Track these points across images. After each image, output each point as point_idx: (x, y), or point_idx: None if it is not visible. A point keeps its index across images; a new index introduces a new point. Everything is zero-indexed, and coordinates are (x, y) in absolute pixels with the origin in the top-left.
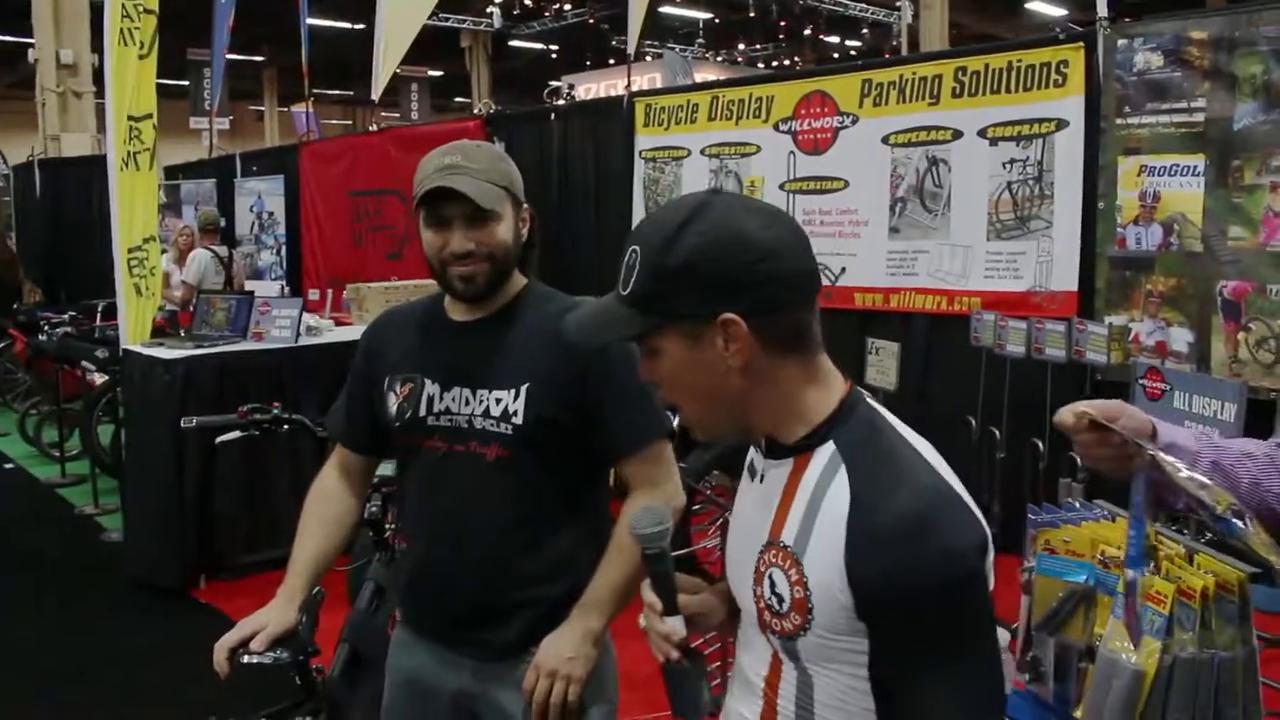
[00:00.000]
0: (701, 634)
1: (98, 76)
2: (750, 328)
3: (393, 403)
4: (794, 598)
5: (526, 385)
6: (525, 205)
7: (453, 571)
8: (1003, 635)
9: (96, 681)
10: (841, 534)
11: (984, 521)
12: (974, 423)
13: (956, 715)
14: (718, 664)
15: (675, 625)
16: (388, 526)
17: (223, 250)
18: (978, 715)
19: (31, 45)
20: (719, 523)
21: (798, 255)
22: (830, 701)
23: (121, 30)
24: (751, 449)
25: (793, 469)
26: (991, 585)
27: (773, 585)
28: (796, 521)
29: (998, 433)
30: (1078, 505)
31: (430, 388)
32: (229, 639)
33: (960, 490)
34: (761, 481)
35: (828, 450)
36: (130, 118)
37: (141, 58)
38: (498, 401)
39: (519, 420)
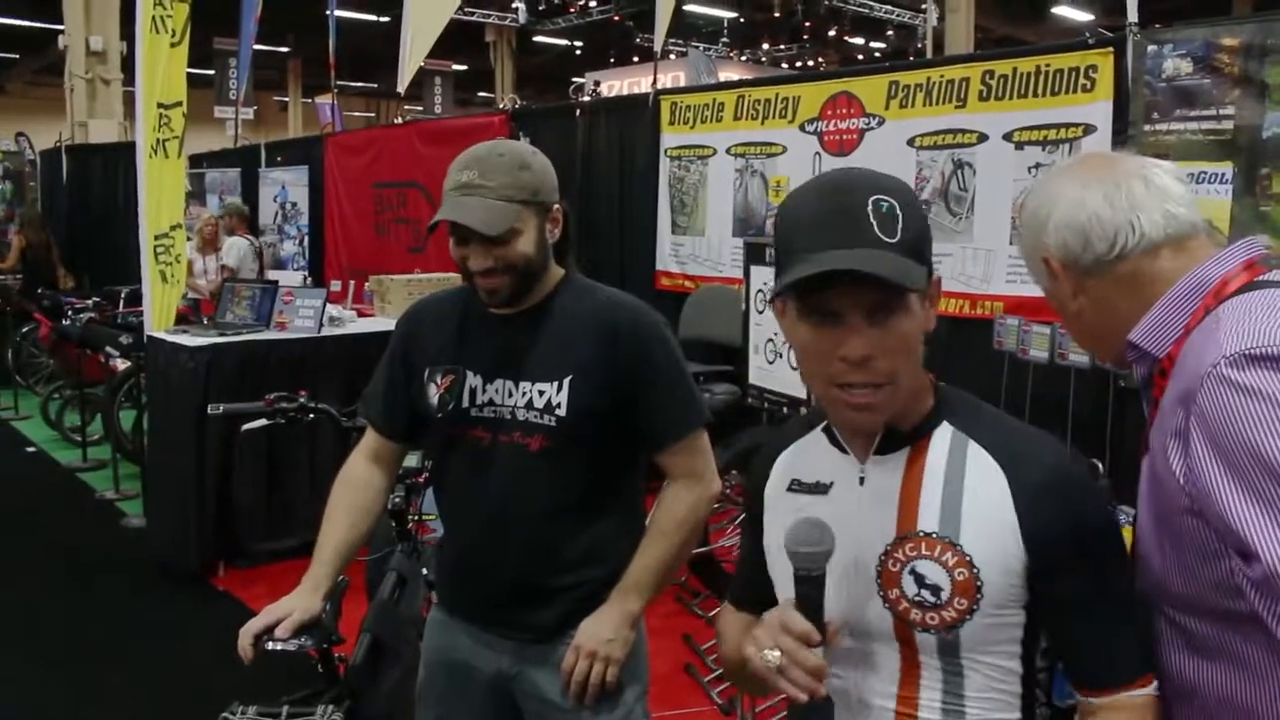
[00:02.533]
0: None
1: (126, 64)
2: None
3: (434, 394)
4: (956, 581)
5: (569, 377)
6: (556, 205)
7: (496, 557)
8: None
9: (115, 667)
10: (1006, 501)
11: None
12: None
13: (1129, 630)
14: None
15: (821, 657)
16: (411, 517)
17: (256, 240)
18: (1137, 623)
19: (61, 32)
20: (738, 521)
21: None
22: (982, 692)
23: (153, 18)
24: (797, 466)
25: (909, 458)
26: None
27: (921, 579)
28: (935, 506)
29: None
30: None
31: (472, 379)
32: (254, 625)
33: None
34: (862, 484)
35: (946, 432)
36: (160, 105)
37: (173, 46)
38: (541, 393)
39: (562, 412)
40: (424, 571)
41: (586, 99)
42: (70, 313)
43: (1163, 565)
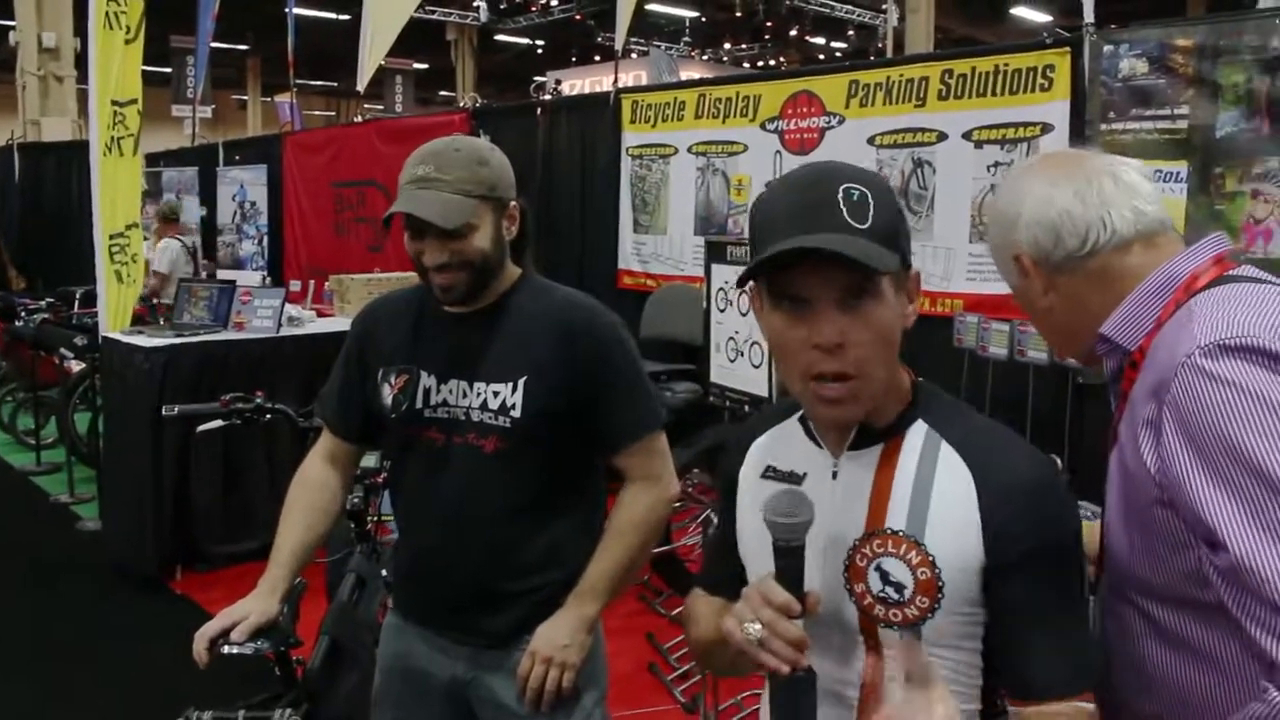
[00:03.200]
0: None
1: (80, 60)
2: None
3: (388, 394)
4: (919, 580)
5: (524, 378)
6: (514, 202)
7: (451, 560)
8: None
9: (70, 673)
10: (972, 503)
11: None
12: None
13: (1076, 643)
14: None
15: (802, 629)
16: (370, 518)
17: (189, 240)
18: (1085, 637)
19: (12, 28)
20: (700, 520)
21: None
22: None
23: (106, 14)
24: (772, 452)
25: (882, 455)
26: None
27: (886, 576)
28: (903, 505)
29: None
30: None
31: (426, 380)
32: (209, 629)
33: None
34: (834, 478)
35: (920, 430)
36: (114, 103)
37: (128, 42)
38: (495, 394)
39: (517, 413)
40: (383, 573)
41: (547, 97)
42: (24, 314)
43: (1132, 556)
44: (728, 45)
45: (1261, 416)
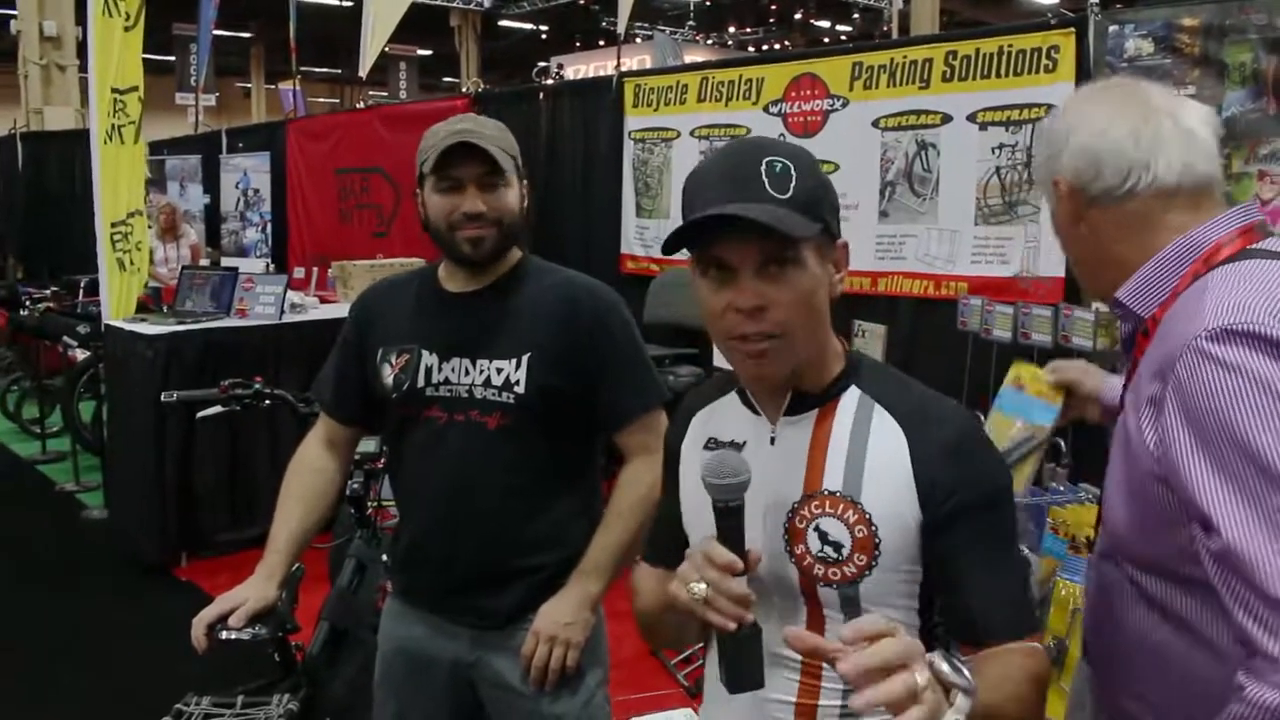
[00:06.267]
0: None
1: (82, 49)
2: None
3: (388, 374)
4: (856, 538)
5: (528, 354)
6: (524, 181)
7: (453, 540)
8: None
9: (75, 659)
10: (905, 461)
11: None
12: None
13: (1018, 589)
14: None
15: (745, 586)
16: (370, 503)
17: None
18: (1025, 584)
19: (14, 16)
20: None
21: None
22: None
23: (105, 1)
24: (712, 424)
25: (816, 420)
26: None
27: (824, 536)
28: (839, 466)
29: (982, 417)
30: (1061, 489)
31: (428, 358)
32: (207, 614)
33: None
34: (773, 444)
35: (854, 395)
36: (114, 90)
37: (127, 29)
38: (499, 371)
39: (521, 389)
40: (383, 558)
41: (550, 82)
42: (28, 302)
43: (1127, 525)
44: (732, 29)
45: (1265, 404)
